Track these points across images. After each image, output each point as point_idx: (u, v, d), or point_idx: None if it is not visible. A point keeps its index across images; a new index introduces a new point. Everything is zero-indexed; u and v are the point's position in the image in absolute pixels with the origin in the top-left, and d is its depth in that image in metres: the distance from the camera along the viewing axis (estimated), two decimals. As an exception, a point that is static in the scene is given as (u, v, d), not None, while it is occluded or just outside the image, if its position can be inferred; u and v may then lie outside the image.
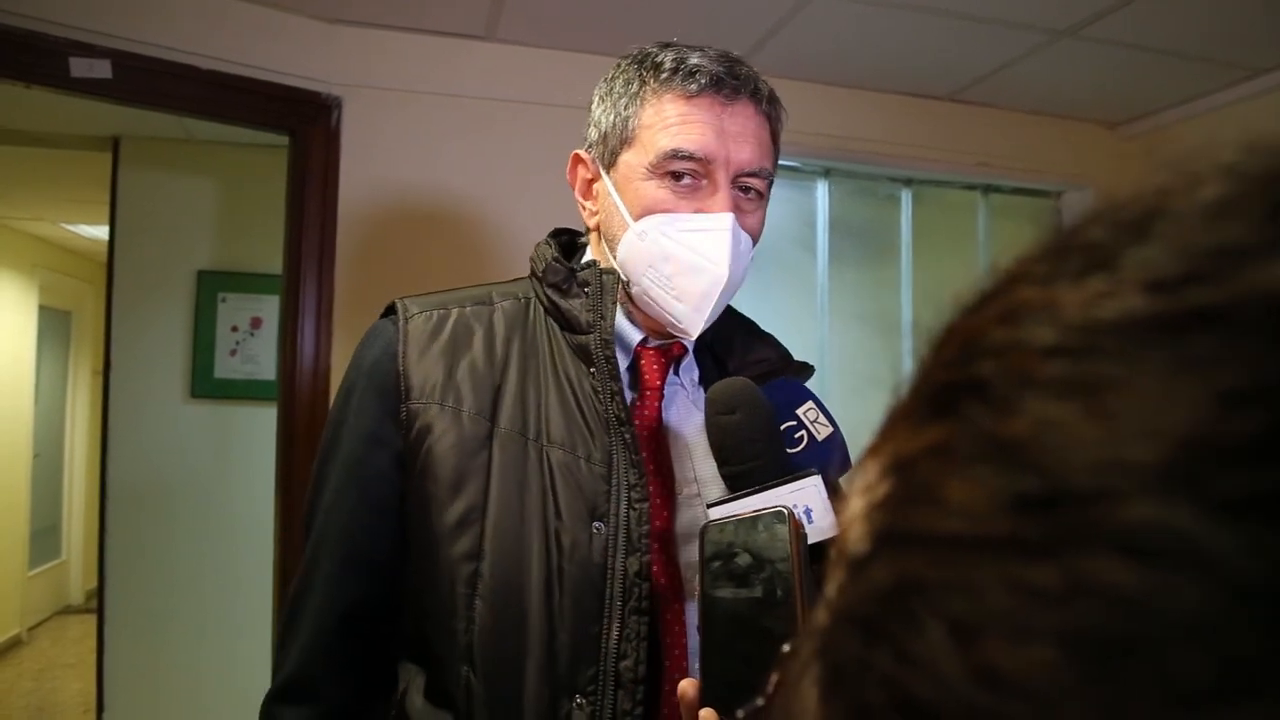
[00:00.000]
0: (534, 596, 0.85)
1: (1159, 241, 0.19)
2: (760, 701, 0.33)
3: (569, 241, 1.05)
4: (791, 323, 2.44)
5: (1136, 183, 0.21)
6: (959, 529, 0.18)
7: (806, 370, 1.02)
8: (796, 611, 0.63)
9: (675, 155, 0.88)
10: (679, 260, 0.89)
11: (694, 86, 0.89)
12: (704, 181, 0.90)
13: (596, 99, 0.98)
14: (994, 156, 2.51)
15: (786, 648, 0.34)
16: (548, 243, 1.01)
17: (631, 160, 0.92)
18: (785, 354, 1.03)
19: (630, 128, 0.92)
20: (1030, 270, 0.21)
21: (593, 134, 0.98)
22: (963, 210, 2.65)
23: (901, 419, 0.23)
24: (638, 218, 0.91)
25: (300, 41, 2.03)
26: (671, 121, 0.89)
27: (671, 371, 0.98)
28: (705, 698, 0.65)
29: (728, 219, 0.89)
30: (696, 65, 0.89)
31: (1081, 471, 0.17)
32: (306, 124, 2.05)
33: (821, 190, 2.51)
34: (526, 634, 0.85)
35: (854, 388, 2.45)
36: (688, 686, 0.67)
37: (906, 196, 2.59)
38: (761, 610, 0.64)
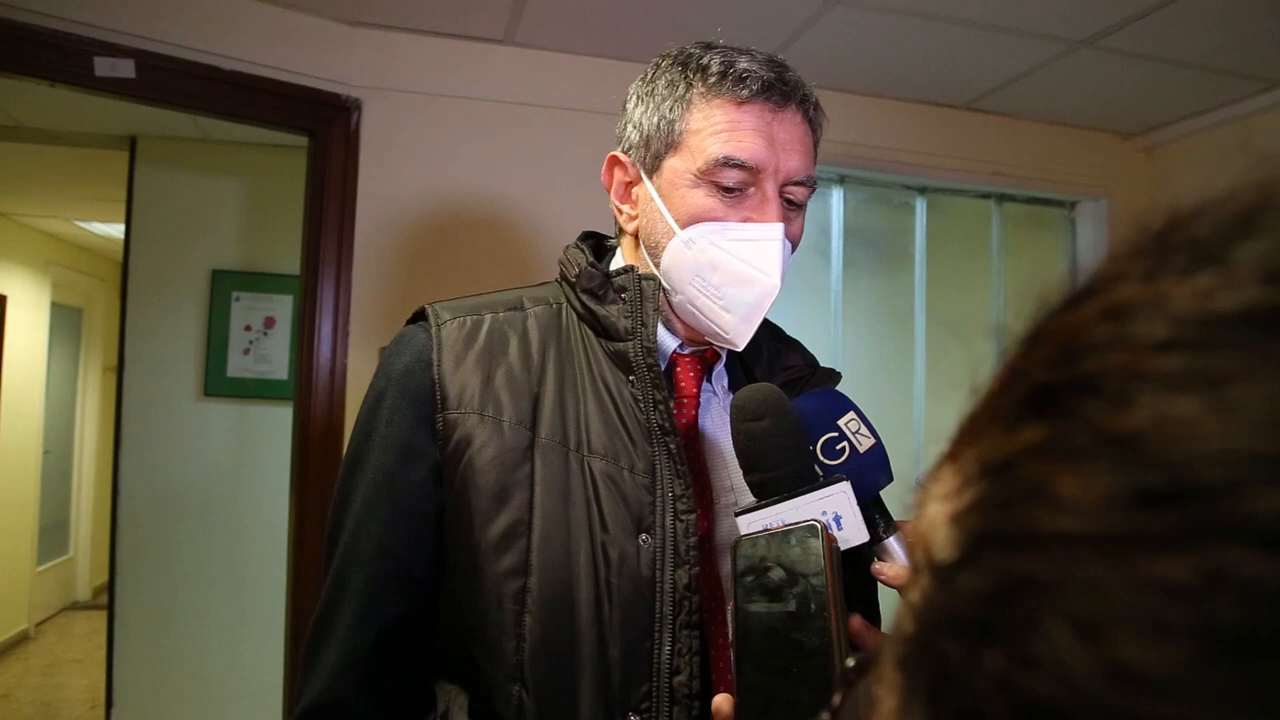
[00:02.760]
0: (584, 612, 0.82)
1: (1270, 234, 0.19)
2: (826, 716, 0.32)
3: (596, 245, 1.01)
4: (806, 329, 2.43)
5: (1232, 182, 0.21)
6: (1075, 526, 0.18)
7: (834, 376, 1.00)
8: (830, 625, 0.63)
9: (726, 163, 0.84)
10: (728, 270, 0.85)
11: (745, 92, 0.85)
12: (752, 190, 0.86)
13: (634, 99, 0.93)
14: (1009, 165, 2.51)
15: (850, 662, 0.33)
16: (579, 247, 0.97)
17: (677, 165, 0.87)
18: (812, 360, 1.02)
19: (676, 132, 0.87)
20: (1126, 269, 0.21)
21: (633, 136, 0.92)
22: (977, 218, 2.65)
23: (987, 422, 0.22)
24: (684, 225, 0.87)
25: (321, 43, 2.04)
26: (721, 128, 0.85)
27: (705, 379, 0.95)
28: (740, 713, 0.64)
29: (778, 229, 0.85)
30: (746, 70, 0.86)
31: (1208, 464, 0.17)
32: (326, 125, 2.06)
33: (836, 197, 2.51)
34: (579, 651, 0.81)
35: (868, 394, 2.44)
36: (722, 702, 0.65)
37: (921, 204, 2.60)
38: (795, 624, 0.64)
